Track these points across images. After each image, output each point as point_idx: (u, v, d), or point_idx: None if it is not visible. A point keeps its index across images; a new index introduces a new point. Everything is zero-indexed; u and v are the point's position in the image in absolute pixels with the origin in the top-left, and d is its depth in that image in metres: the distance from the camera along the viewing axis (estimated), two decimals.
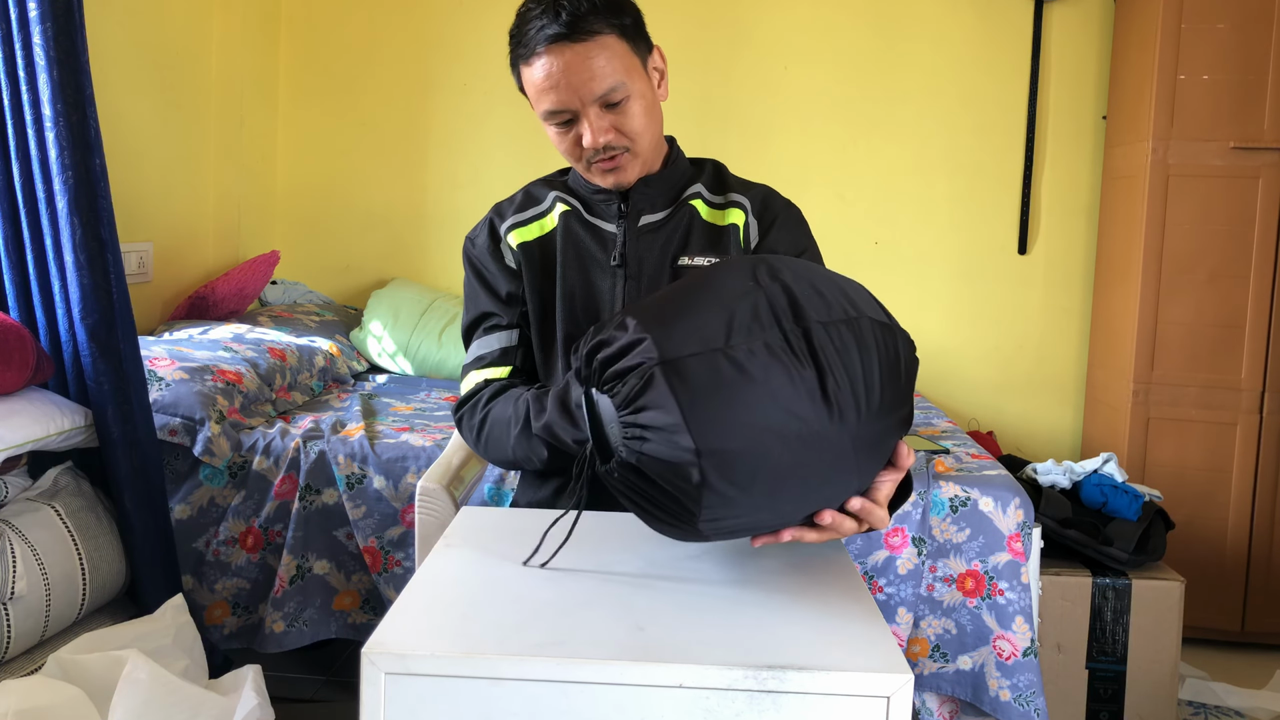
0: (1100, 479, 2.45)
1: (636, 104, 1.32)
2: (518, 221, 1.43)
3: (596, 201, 1.42)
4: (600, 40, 1.27)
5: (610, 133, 1.31)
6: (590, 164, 1.35)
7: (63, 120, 1.84)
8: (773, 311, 0.94)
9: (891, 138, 3.32)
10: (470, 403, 1.40)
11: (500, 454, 1.34)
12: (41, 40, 1.81)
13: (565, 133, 1.33)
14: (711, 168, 1.47)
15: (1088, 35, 3.24)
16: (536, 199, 1.45)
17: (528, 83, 1.32)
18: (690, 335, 0.93)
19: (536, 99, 1.31)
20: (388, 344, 3.06)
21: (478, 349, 1.44)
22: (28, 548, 1.72)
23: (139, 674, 1.50)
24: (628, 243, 1.39)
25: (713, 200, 1.43)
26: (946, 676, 2.09)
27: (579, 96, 1.28)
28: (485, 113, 3.41)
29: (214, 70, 3.05)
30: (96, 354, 1.90)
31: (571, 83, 1.27)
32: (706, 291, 0.98)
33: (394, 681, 0.82)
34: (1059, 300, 3.32)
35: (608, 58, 1.28)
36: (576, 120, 1.31)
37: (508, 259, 1.43)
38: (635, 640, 0.86)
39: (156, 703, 1.49)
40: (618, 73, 1.29)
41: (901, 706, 0.81)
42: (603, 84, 1.28)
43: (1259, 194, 2.76)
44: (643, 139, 1.34)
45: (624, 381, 0.94)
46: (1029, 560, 2.08)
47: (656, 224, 1.41)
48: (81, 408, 1.91)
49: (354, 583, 2.21)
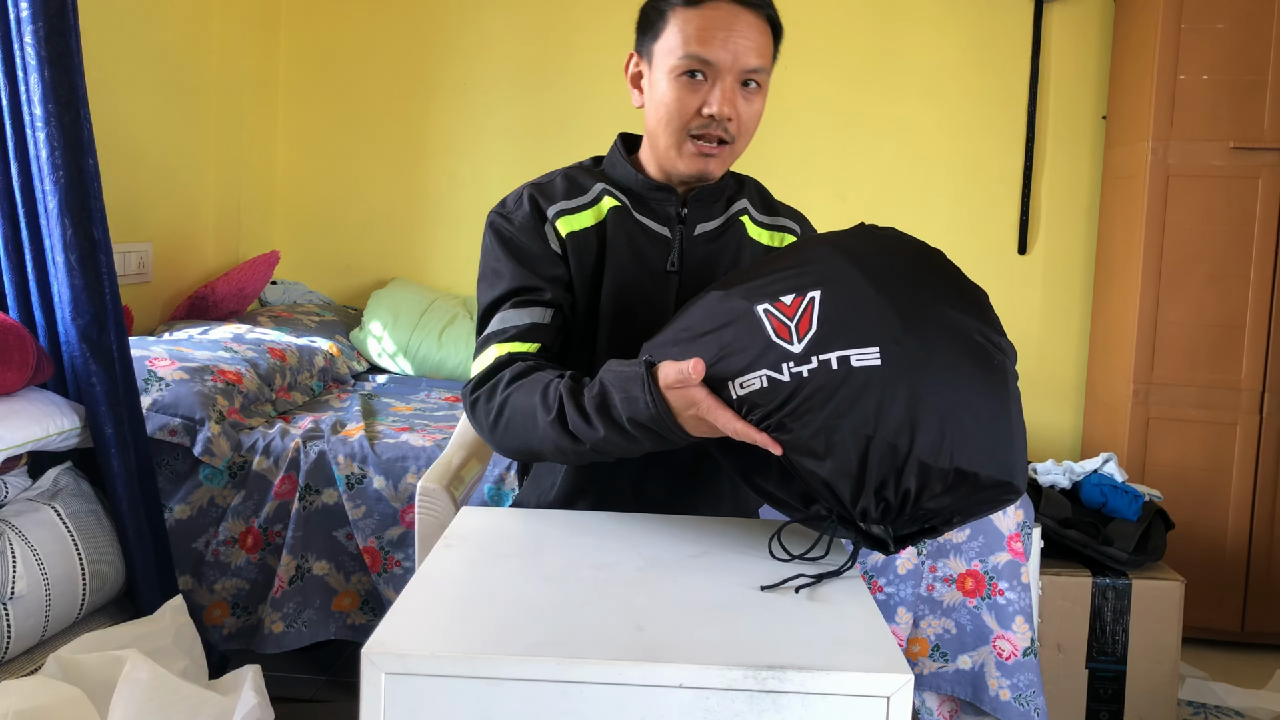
0: (1100, 479, 2.45)
1: (759, 102, 1.29)
2: (566, 209, 1.33)
3: (653, 199, 1.34)
4: (766, 26, 1.27)
5: (735, 112, 1.26)
6: (693, 135, 1.27)
7: (54, 120, 1.83)
8: None
9: (891, 138, 3.32)
10: (489, 383, 1.23)
11: (520, 444, 1.20)
12: (33, 40, 1.81)
13: (691, 88, 1.25)
14: (753, 185, 1.44)
15: (1088, 35, 3.24)
16: (581, 187, 1.35)
17: (683, 22, 1.24)
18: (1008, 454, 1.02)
19: (686, 42, 1.24)
20: (388, 344, 3.06)
21: (500, 322, 1.28)
22: (28, 548, 1.72)
23: (139, 674, 1.50)
24: (685, 250, 1.33)
25: (760, 219, 1.39)
26: (946, 676, 2.09)
27: (733, 58, 1.24)
28: (485, 113, 3.41)
29: (214, 70, 3.05)
30: (88, 354, 1.90)
31: (735, 42, 1.23)
32: (1008, 399, 1.03)
33: (394, 681, 0.82)
34: (1059, 300, 3.32)
35: (766, 44, 1.27)
36: (707, 82, 1.25)
37: (553, 242, 1.32)
38: (635, 640, 0.86)
39: (156, 702, 1.49)
40: (767, 61, 1.27)
41: (901, 706, 0.81)
42: (756, 60, 1.25)
43: (1259, 194, 2.76)
44: (747, 138, 1.31)
45: (978, 515, 1.05)
46: (1029, 560, 2.08)
47: (711, 235, 1.35)
48: (81, 408, 1.91)
49: (353, 583, 2.20)
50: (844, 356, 0.98)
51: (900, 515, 1.00)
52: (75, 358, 1.91)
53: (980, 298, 1.08)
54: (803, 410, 0.98)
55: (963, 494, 0.99)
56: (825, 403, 0.98)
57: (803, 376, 0.99)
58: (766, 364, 1.01)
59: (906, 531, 1.03)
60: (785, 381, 0.99)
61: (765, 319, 1.03)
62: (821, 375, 0.98)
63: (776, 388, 0.99)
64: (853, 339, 0.99)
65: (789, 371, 0.99)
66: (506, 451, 1.24)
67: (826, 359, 0.98)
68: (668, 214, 1.34)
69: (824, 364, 0.98)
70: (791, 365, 0.99)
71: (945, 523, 1.03)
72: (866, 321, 1.00)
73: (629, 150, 1.40)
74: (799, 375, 0.99)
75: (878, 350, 0.98)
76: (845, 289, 1.03)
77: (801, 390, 0.99)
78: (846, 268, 1.05)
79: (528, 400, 1.16)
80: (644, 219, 1.34)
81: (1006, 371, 1.03)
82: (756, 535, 1.16)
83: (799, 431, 0.99)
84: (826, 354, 0.99)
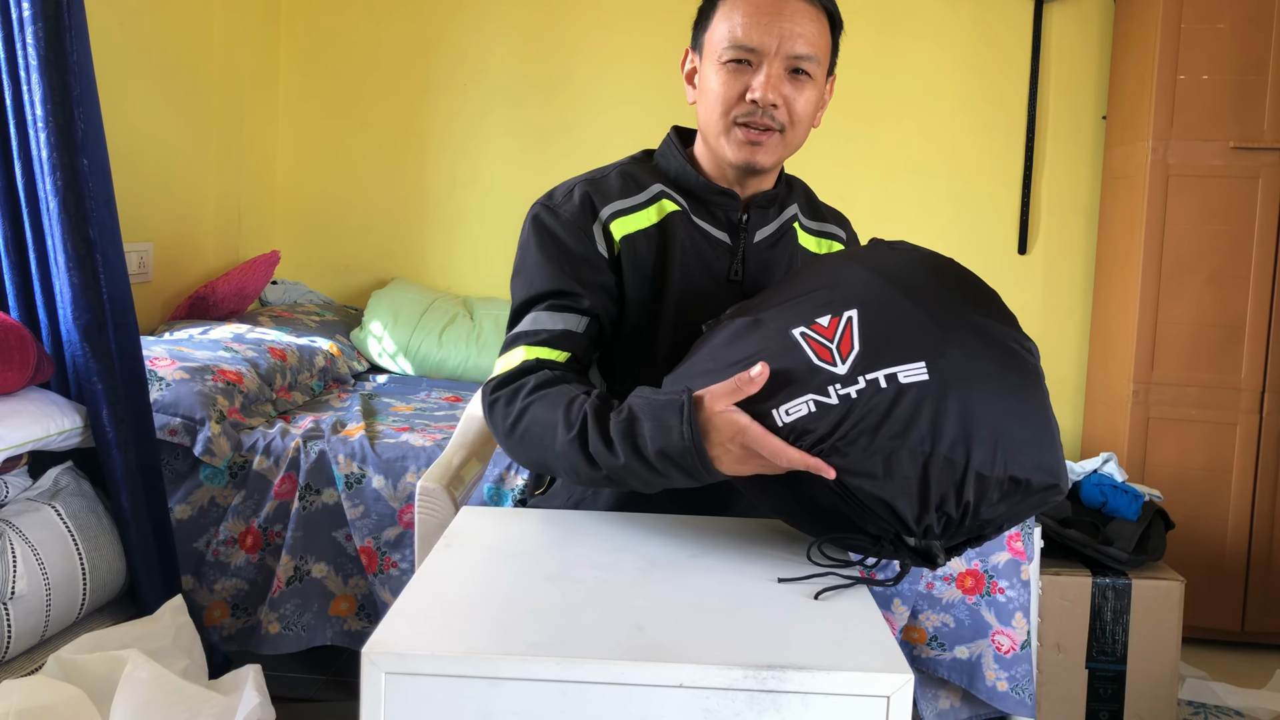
0: (1100, 479, 2.45)
1: (812, 91, 1.25)
2: (623, 209, 1.26)
3: (715, 203, 1.29)
4: (821, 15, 1.25)
5: (781, 98, 1.22)
6: (738, 123, 1.24)
7: (51, 121, 1.83)
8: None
9: (891, 138, 3.32)
10: (512, 385, 1.17)
11: (534, 456, 1.15)
12: (34, 41, 1.82)
13: (736, 75, 1.22)
14: (801, 188, 1.40)
15: (1088, 35, 3.24)
16: (638, 184, 1.29)
17: (730, 10, 1.23)
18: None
19: (732, 26, 1.22)
20: (388, 344, 3.06)
21: (532, 323, 1.22)
22: (28, 548, 1.72)
23: (140, 673, 1.50)
24: (747, 258, 1.29)
25: (810, 226, 1.37)
26: (943, 663, 2.09)
27: (780, 41, 1.21)
28: (485, 113, 3.41)
29: (214, 70, 3.05)
30: (89, 353, 1.91)
31: (782, 26, 1.20)
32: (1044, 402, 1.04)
33: (394, 681, 0.82)
34: (1059, 300, 3.32)
35: (819, 33, 1.24)
36: (753, 69, 1.22)
37: (600, 245, 1.25)
38: (635, 640, 0.86)
39: (158, 702, 1.49)
40: (819, 49, 1.24)
41: (901, 706, 0.81)
42: (805, 45, 1.22)
43: (1259, 194, 2.76)
44: (799, 129, 1.27)
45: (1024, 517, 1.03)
46: (1029, 560, 2.08)
47: (769, 242, 1.32)
48: (82, 408, 1.91)
49: (350, 587, 2.20)
50: (891, 374, 0.97)
51: (960, 528, 1.00)
52: (77, 356, 1.91)
53: (999, 301, 1.09)
54: (856, 433, 0.97)
55: (1015, 500, 1.00)
56: (880, 423, 0.96)
57: (851, 398, 0.97)
58: (812, 388, 0.98)
59: (955, 542, 1.04)
60: (834, 405, 0.97)
61: (804, 342, 1.01)
62: (871, 395, 0.97)
63: (825, 411, 0.98)
64: (897, 356, 0.98)
65: (836, 394, 0.97)
66: (519, 459, 1.19)
67: (874, 378, 0.97)
68: (730, 220, 1.30)
69: (872, 383, 0.97)
70: (839, 387, 0.98)
71: (996, 530, 1.03)
72: (908, 337, 0.99)
73: (684, 144, 1.35)
74: (847, 397, 0.97)
75: (924, 365, 0.97)
76: (880, 305, 1.01)
77: (853, 412, 0.97)
78: (877, 283, 1.04)
79: (550, 414, 1.11)
80: (704, 224, 1.29)
81: (1040, 373, 1.05)
82: (757, 535, 1.16)
83: (854, 455, 0.97)
84: (874, 373, 0.97)
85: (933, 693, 2.14)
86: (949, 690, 2.14)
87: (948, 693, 2.14)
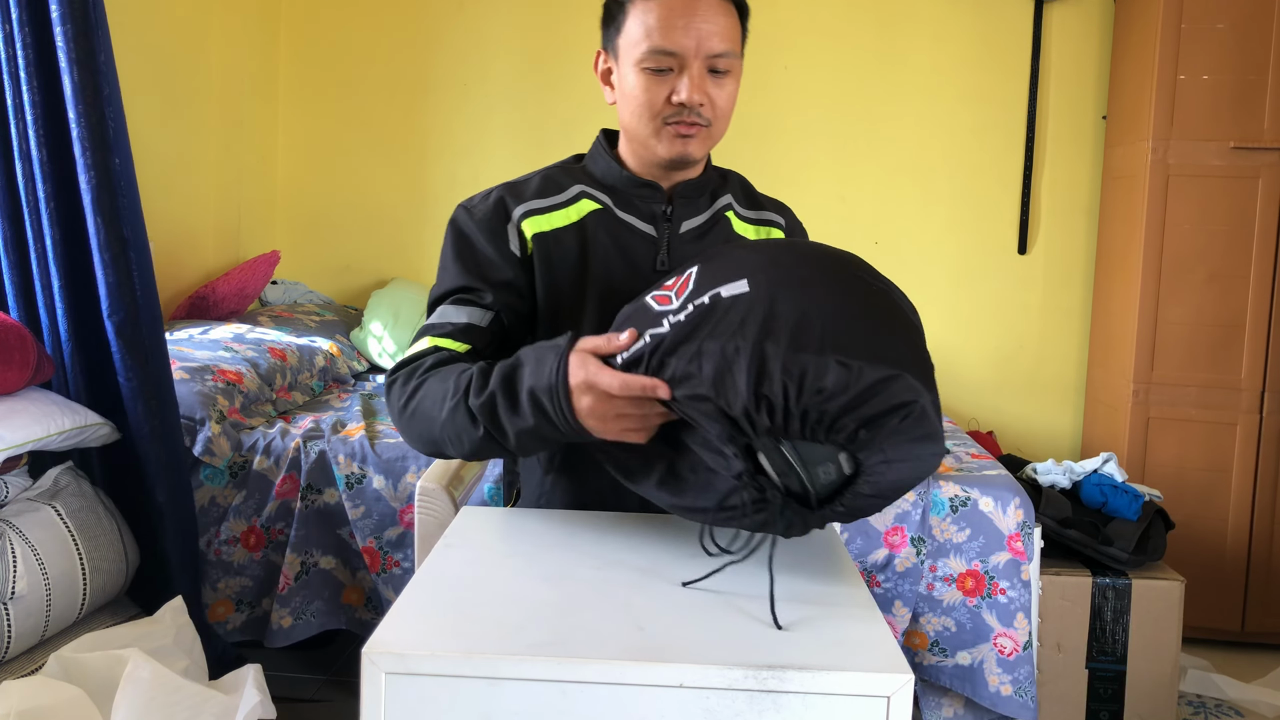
0: (1100, 479, 2.45)
1: (732, 85, 1.27)
2: (536, 209, 1.30)
3: (637, 196, 1.32)
4: (729, 8, 1.25)
5: (706, 97, 1.25)
6: (668, 123, 1.26)
7: (84, 120, 1.85)
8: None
9: (891, 138, 3.32)
10: (409, 367, 1.21)
11: (424, 431, 1.16)
12: (63, 42, 1.83)
13: (658, 82, 1.24)
14: (736, 179, 1.43)
15: (1088, 35, 3.24)
16: (558, 186, 1.33)
17: (643, 13, 1.23)
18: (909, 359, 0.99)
19: (648, 34, 1.23)
20: (388, 344, 3.06)
21: (438, 316, 1.27)
22: (28, 548, 1.72)
23: (141, 673, 1.50)
24: (672, 248, 1.31)
25: (745, 214, 1.39)
26: (945, 670, 2.09)
27: (696, 44, 1.22)
28: (485, 113, 3.41)
29: (214, 70, 3.05)
30: (124, 350, 1.94)
31: (698, 29, 1.22)
32: (891, 317, 1.03)
33: (394, 681, 0.82)
34: (1059, 300, 3.32)
35: (731, 26, 1.25)
36: (674, 73, 1.24)
37: (512, 244, 1.29)
38: (635, 640, 0.86)
39: (159, 701, 1.49)
40: (735, 44, 1.26)
41: (901, 706, 0.81)
42: (722, 42, 1.23)
43: (1259, 194, 2.76)
44: (723, 123, 1.29)
45: (880, 425, 0.95)
46: (1030, 560, 2.08)
47: (697, 232, 1.33)
48: (82, 408, 1.91)
49: (359, 579, 2.21)
50: (715, 293, 1.01)
51: (790, 419, 0.95)
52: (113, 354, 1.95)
53: (872, 272, 1.10)
54: (677, 344, 1.00)
55: (853, 394, 0.94)
56: (696, 331, 1.00)
57: (680, 321, 1.02)
58: (650, 327, 1.03)
59: (828, 480, 0.98)
60: (665, 331, 1.02)
61: (652, 300, 1.07)
62: (695, 314, 1.01)
63: (658, 341, 1.02)
64: (724, 279, 1.02)
65: (669, 323, 1.02)
66: (411, 440, 1.20)
67: (700, 301, 1.02)
68: (653, 212, 1.33)
69: (698, 306, 1.02)
70: (670, 318, 1.03)
71: (850, 439, 0.96)
72: (739, 265, 1.04)
73: (611, 145, 1.37)
74: (676, 322, 1.02)
75: (745, 280, 1.01)
76: (722, 259, 1.08)
77: (677, 330, 1.01)
78: (726, 249, 1.12)
79: (439, 386, 1.15)
80: (628, 217, 1.32)
81: (891, 293, 1.06)
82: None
83: (676, 365, 0.99)
84: (700, 298, 1.02)
85: (936, 701, 2.14)
86: (952, 699, 2.14)
87: (951, 700, 2.14)
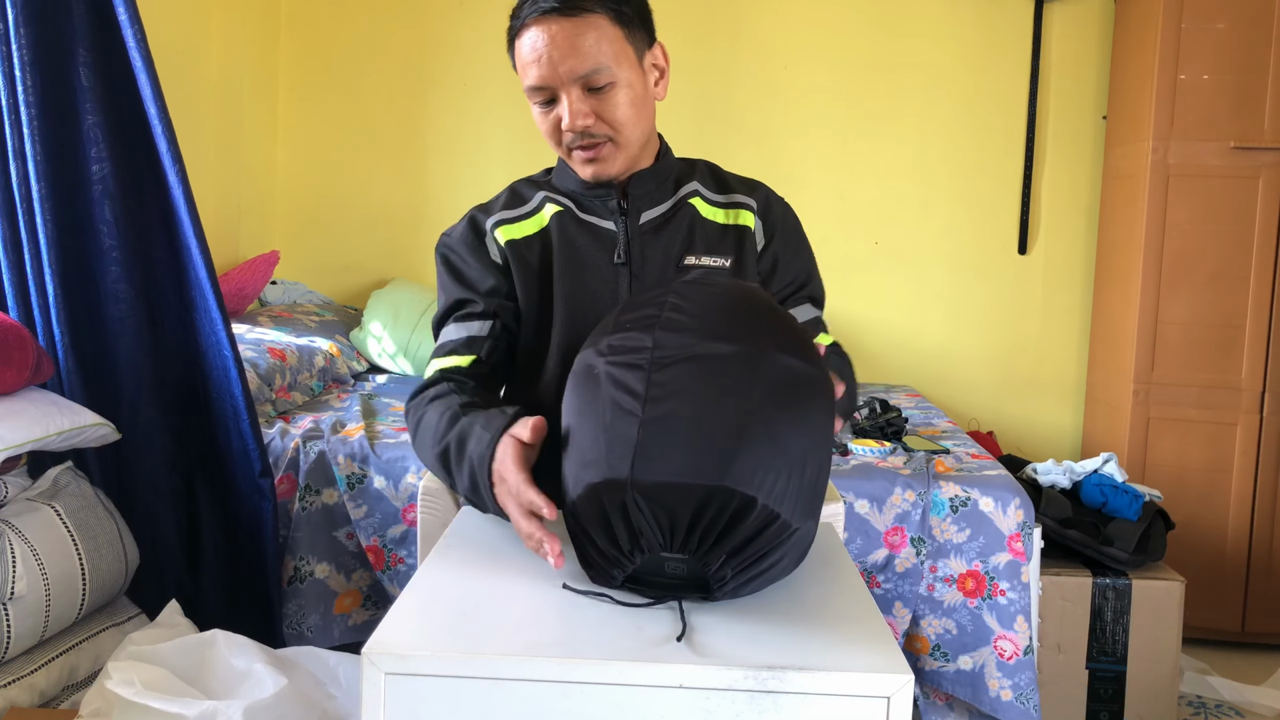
0: (1100, 479, 2.45)
1: (623, 93, 1.26)
2: (506, 219, 1.36)
3: (591, 198, 1.36)
4: (592, 19, 1.23)
5: (590, 118, 1.26)
6: (570, 149, 1.30)
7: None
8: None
9: (891, 138, 3.32)
10: (417, 398, 1.30)
11: (425, 461, 1.24)
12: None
13: (546, 113, 1.28)
14: (704, 166, 1.44)
15: (1088, 35, 3.24)
16: (523, 197, 1.39)
17: (516, 57, 1.28)
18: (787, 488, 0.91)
19: (522, 73, 1.27)
20: (388, 344, 3.06)
21: (442, 338, 1.35)
22: (28, 548, 1.72)
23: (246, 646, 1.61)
24: (631, 241, 1.34)
25: (713, 199, 1.39)
26: (946, 675, 2.09)
27: (560, 74, 1.23)
28: (485, 113, 3.41)
29: (214, 70, 3.05)
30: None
31: (554, 58, 1.22)
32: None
33: (394, 681, 0.82)
34: (1059, 300, 3.32)
35: (597, 38, 1.23)
36: (558, 101, 1.26)
37: (493, 253, 1.35)
38: (635, 640, 0.86)
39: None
40: (605, 56, 1.23)
41: (901, 706, 0.81)
42: (586, 64, 1.23)
43: (1259, 194, 2.76)
44: (627, 131, 1.28)
45: (755, 552, 0.91)
46: (1030, 560, 2.08)
47: (658, 221, 1.35)
48: (81, 408, 1.91)
49: (354, 581, 2.20)
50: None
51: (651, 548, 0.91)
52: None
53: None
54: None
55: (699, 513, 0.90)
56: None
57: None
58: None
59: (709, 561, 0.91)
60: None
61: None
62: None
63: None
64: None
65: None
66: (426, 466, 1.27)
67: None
68: (609, 208, 1.35)
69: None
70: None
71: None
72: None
73: None
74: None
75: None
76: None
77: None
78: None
79: (433, 417, 1.21)
80: (590, 218, 1.36)
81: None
82: None
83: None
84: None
85: (938, 714, 2.14)
86: (955, 705, 2.14)
87: (955, 714, 2.14)
